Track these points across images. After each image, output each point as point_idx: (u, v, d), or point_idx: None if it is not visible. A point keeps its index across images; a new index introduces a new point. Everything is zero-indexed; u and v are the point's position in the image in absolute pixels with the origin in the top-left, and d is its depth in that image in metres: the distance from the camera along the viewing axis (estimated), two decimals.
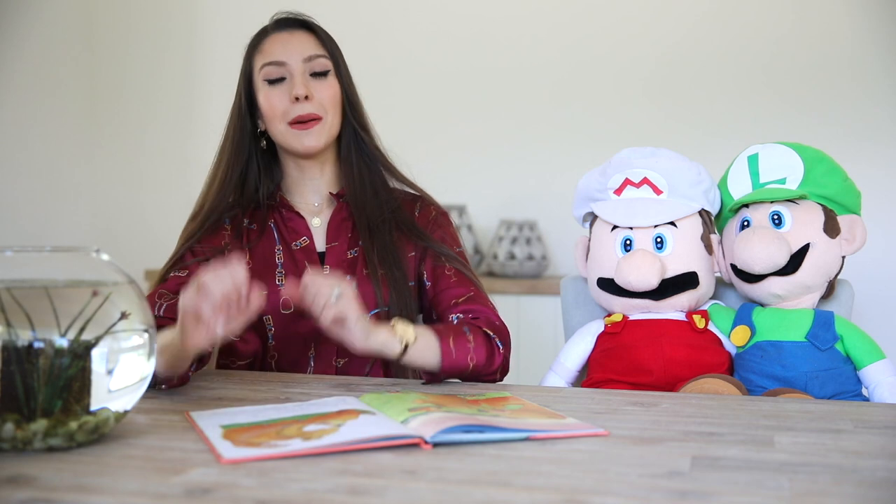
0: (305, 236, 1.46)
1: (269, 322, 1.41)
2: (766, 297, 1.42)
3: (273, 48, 1.44)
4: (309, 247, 1.46)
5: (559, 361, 1.53)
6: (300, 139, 1.41)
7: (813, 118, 2.85)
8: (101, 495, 0.72)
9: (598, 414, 1.05)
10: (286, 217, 1.47)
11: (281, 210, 1.48)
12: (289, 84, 1.42)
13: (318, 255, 1.45)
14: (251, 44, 1.48)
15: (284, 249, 1.45)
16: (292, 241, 1.46)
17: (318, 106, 1.41)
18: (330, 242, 1.46)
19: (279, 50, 1.43)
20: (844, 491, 0.75)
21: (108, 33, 3.47)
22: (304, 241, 1.46)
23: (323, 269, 1.43)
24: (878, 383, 1.36)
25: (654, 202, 1.47)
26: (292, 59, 1.42)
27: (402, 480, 0.77)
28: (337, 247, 1.46)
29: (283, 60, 1.42)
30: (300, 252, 1.45)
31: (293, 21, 1.47)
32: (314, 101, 1.41)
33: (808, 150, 1.45)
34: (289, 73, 1.42)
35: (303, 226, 1.47)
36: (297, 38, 1.44)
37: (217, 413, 1.02)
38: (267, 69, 1.43)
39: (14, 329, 0.82)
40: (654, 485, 0.76)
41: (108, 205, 3.49)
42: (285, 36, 1.45)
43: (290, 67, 1.42)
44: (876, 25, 2.83)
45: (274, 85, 1.43)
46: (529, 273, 2.92)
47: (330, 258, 1.45)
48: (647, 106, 3.01)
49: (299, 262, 1.44)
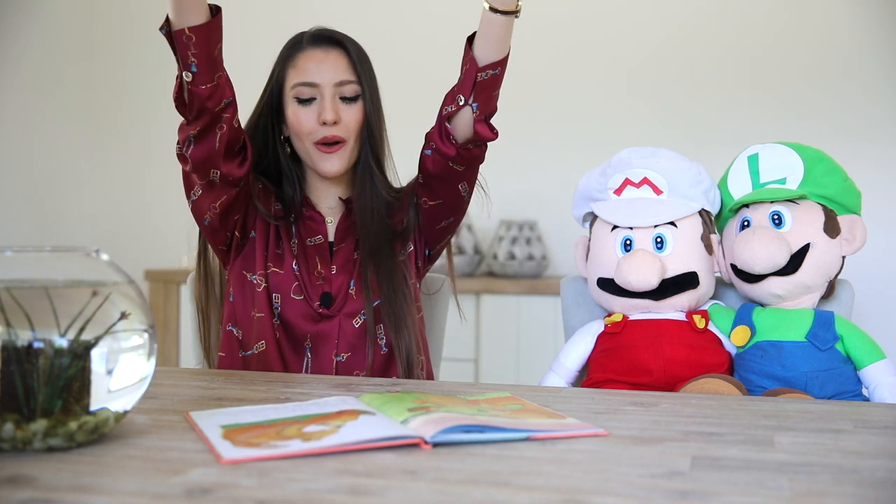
0: (321, 235, 1.53)
1: (277, 301, 1.48)
2: (766, 297, 1.42)
3: (307, 66, 1.47)
4: (322, 244, 1.53)
5: (559, 361, 1.53)
6: (323, 163, 1.48)
7: (813, 118, 2.85)
8: (101, 495, 0.72)
9: (598, 414, 1.05)
10: (307, 215, 1.54)
11: (303, 208, 1.54)
12: (318, 105, 1.46)
13: (329, 254, 1.52)
14: (285, 53, 1.51)
15: (299, 244, 1.52)
16: (307, 237, 1.52)
17: (344, 129, 1.47)
18: (338, 243, 1.53)
19: (313, 70, 1.46)
20: (844, 491, 0.75)
21: (109, 33, 3.47)
22: (319, 238, 1.53)
23: (331, 266, 1.51)
24: (879, 383, 1.36)
25: (654, 202, 1.47)
26: (324, 81, 1.46)
27: (402, 480, 0.77)
28: (345, 247, 1.53)
29: (315, 82, 1.46)
30: (313, 248, 1.52)
31: (329, 38, 1.50)
32: (340, 126, 1.46)
33: (809, 150, 1.45)
34: (319, 94, 1.46)
35: (321, 225, 1.54)
36: (332, 58, 1.48)
37: (217, 413, 1.02)
38: (299, 88, 1.47)
39: (14, 329, 0.82)
40: (654, 485, 0.76)
41: (109, 205, 3.49)
42: (320, 55, 1.48)
43: (321, 89, 1.46)
44: (876, 25, 2.83)
45: (303, 104, 1.47)
46: (529, 273, 2.92)
47: (338, 257, 1.52)
48: (647, 106, 3.01)
49: (310, 256, 1.51)
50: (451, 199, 1.52)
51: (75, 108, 3.42)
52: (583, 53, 3.05)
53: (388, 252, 1.50)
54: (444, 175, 1.47)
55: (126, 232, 3.45)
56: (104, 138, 3.47)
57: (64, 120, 3.38)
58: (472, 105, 1.39)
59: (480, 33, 1.37)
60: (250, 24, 3.30)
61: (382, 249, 1.50)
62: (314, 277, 1.50)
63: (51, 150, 3.30)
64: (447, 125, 1.43)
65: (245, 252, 1.51)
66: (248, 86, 1.58)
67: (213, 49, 1.29)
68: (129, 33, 3.45)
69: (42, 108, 3.26)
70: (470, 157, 1.45)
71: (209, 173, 1.39)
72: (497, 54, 1.37)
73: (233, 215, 1.47)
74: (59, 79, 3.33)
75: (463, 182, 1.50)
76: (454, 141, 1.43)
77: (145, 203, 3.45)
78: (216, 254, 1.55)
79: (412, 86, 3.19)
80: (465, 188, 1.51)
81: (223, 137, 1.35)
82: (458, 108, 1.40)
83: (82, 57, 3.44)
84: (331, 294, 1.49)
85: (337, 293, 1.49)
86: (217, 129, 1.34)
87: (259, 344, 1.47)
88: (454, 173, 1.47)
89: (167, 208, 3.41)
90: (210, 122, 1.33)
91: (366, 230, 1.49)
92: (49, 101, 3.29)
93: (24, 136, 3.17)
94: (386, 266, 1.49)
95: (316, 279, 1.49)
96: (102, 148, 3.48)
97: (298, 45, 1.50)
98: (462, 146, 1.43)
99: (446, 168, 1.46)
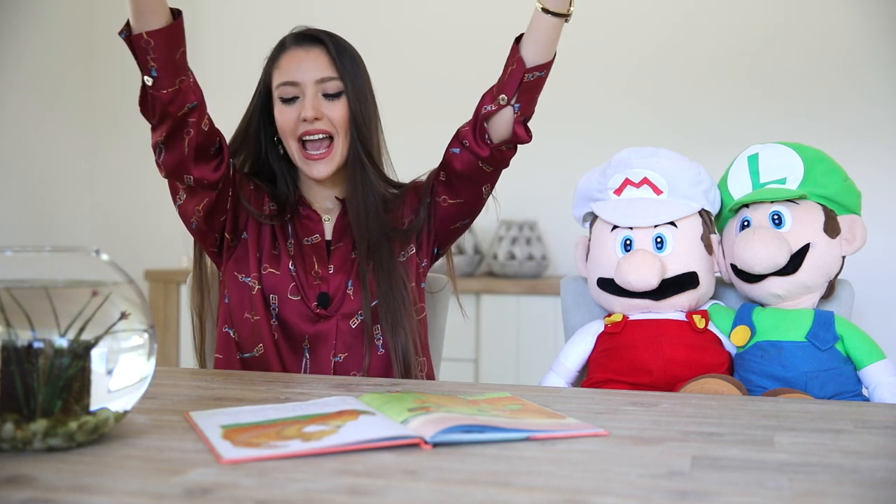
0: (318, 234, 1.53)
1: (275, 301, 1.48)
2: (766, 297, 1.42)
3: (289, 66, 1.47)
4: (319, 244, 1.53)
5: (559, 361, 1.53)
6: (310, 168, 1.48)
7: (813, 118, 2.85)
8: (101, 495, 0.72)
9: (598, 414, 1.05)
10: (303, 214, 1.54)
11: (298, 207, 1.54)
12: (300, 103, 1.46)
13: (326, 253, 1.52)
14: (271, 56, 1.52)
15: (296, 244, 1.52)
16: (304, 236, 1.52)
17: (329, 124, 1.47)
18: (336, 243, 1.53)
19: (293, 69, 1.47)
20: (844, 491, 0.75)
21: (109, 33, 3.47)
22: (316, 238, 1.53)
23: (328, 266, 1.50)
24: (879, 383, 1.36)
25: (654, 202, 1.47)
26: (305, 79, 1.46)
27: (402, 480, 0.77)
28: (342, 247, 1.53)
29: (296, 81, 1.46)
30: (310, 247, 1.52)
31: (310, 37, 1.50)
32: (324, 120, 1.46)
33: (808, 150, 1.45)
34: (301, 92, 1.46)
35: (318, 224, 1.54)
36: (312, 56, 1.47)
37: (217, 413, 1.02)
38: (282, 89, 1.47)
39: (14, 329, 0.82)
40: (654, 485, 0.76)
41: (109, 205, 3.49)
42: (300, 54, 1.48)
43: (302, 87, 1.46)
44: (876, 25, 2.83)
45: (287, 104, 1.47)
46: (529, 273, 2.92)
47: (335, 256, 1.51)
48: (647, 106, 3.01)
49: (307, 256, 1.51)
50: (472, 200, 1.53)
51: (75, 108, 3.42)
52: (583, 53, 3.05)
53: (387, 251, 1.49)
54: (472, 174, 1.48)
55: (126, 232, 3.45)
56: (104, 138, 3.47)
57: (64, 120, 3.37)
58: (514, 105, 1.40)
59: (529, 34, 1.38)
60: (250, 25, 3.30)
61: (381, 248, 1.49)
62: (311, 277, 1.49)
63: (51, 150, 3.30)
64: (485, 124, 1.43)
65: (237, 254, 1.51)
66: (248, 86, 1.59)
67: (173, 53, 1.28)
68: None
69: (42, 108, 3.26)
70: (500, 159, 1.47)
71: (183, 178, 1.39)
72: (545, 56, 1.38)
73: (218, 217, 1.47)
74: (59, 79, 3.33)
75: (487, 184, 1.51)
76: (489, 141, 1.44)
77: (145, 203, 3.45)
78: (209, 256, 1.56)
79: (412, 85, 3.19)
80: (487, 190, 1.53)
81: (191, 142, 1.35)
82: (500, 107, 1.41)
83: (82, 57, 3.44)
84: (328, 294, 1.49)
85: (334, 293, 1.49)
86: (184, 135, 1.34)
87: (258, 347, 1.47)
88: (482, 174, 1.48)
89: (167, 208, 3.39)
90: (174, 128, 1.33)
91: (361, 228, 1.49)
92: (49, 101, 3.29)
93: (23, 136, 3.17)
94: (384, 266, 1.48)
95: (313, 279, 1.49)
96: (102, 148, 3.48)
97: (282, 47, 1.50)
98: (496, 147, 1.44)
99: (475, 168, 1.47)
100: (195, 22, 3.41)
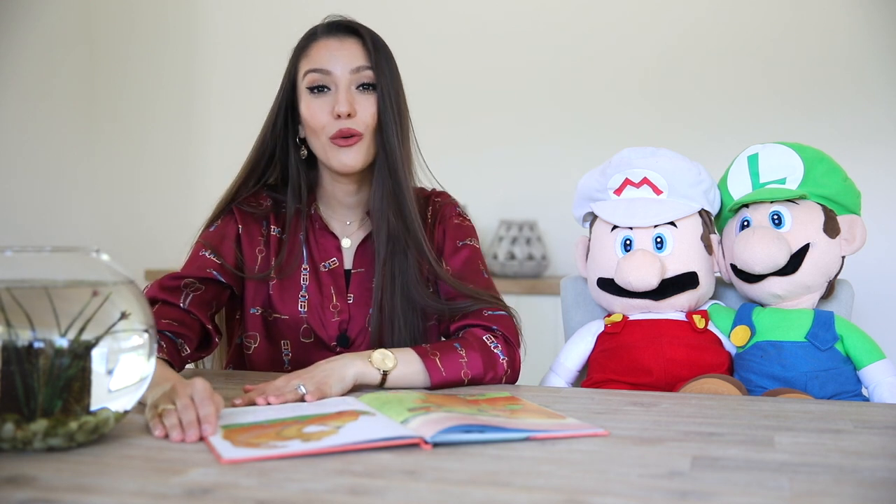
0: (335, 258, 1.43)
1: (287, 347, 1.41)
2: (766, 297, 1.42)
3: (320, 54, 1.36)
4: (337, 270, 1.42)
5: (559, 361, 1.53)
6: (339, 156, 1.35)
7: (812, 118, 2.85)
8: (101, 495, 0.72)
9: (598, 414, 1.05)
10: (318, 234, 1.43)
11: (314, 225, 1.44)
12: (332, 96, 1.35)
13: (345, 280, 1.42)
14: (299, 46, 1.40)
15: (311, 270, 1.42)
16: (321, 261, 1.42)
17: (360, 123, 1.35)
18: (356, 267, 1.43)
19: (326, 57, 1.36)
20: (844, 491, 0.75)
21: (109, 33, 3.47)
22: (334, 262, 1.43)
23: (347, 294, 1.41)
24: (878, 383, 1.36)
25: (654, 202, 1.47)
26: (338, 68, 1.35)
27: (402, 480, 0.77)
28: (363, 273, 1.43)
29: (328, 69, 1.35)
30: (327, 274, 1.42)
31: (344, 27, 1.39)
32: (356, 118, 1.34)
33: (808, 150, 1.45)
34: (333, 83, 1.35)
35: (333, 246, 1.43)
36: (347, 46, 1.37)
37: None
38: (311, 76, 1.36)
39: (14, 329, 0.82)
40: (654, 485, 0.76)
41: (109, 205, 3.49)
42: (334, 43, 1.37)
43: (335, 77, 1.35)
44: (876, 24, 2.83)
45: (316, 94, 1.36)
46: (529, 273, 2.92)
47: (354, 283, 1.42)
48: (646, 106, 3.01)
49: (325, 285, 1.41)
50: None
51: (74, 109, 3.42)
52: (582, 54, 3.05)
53: (413, 276, 1.38)
54: None
55: (126, 232, 3.45)
56: (103, 138, 3.47)
57: (63, 120, 3.37)
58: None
59: None
60: (257, 27, 3.30)
61: (408, 271, 1.38)
62: (329, 314, 1.40)
63: (51, 150, 3.30)
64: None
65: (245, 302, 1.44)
66: (252, 87, 1.58)
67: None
68: (129, 34, 3.45)
69: (42, 108, 3.26)
70: None
71: None
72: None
73: (223, 306, 1.43)
74: (58, 79, 3.33)
75: None
76: None
77: (145, 203, 3.45)
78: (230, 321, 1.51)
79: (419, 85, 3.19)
80: None
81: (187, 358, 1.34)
82: None
83: (82, 57, 3.44)
84: (349, 337, 1.40)
85: (355, 336, 1.40)
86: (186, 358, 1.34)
87: None
88: None
89: (167, 208, 3.41)
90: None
91: (382, 238, 1.38)
92: (49, 101, 3.29)
93: (23, 136, 3.17)
94: (406, 293, 1.38)
95: (331, 315, 1.40)
96: (102, 148, 3.47)
97: (313, 36, 1.39)
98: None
99: None
100: (194, 22, 3.41)
